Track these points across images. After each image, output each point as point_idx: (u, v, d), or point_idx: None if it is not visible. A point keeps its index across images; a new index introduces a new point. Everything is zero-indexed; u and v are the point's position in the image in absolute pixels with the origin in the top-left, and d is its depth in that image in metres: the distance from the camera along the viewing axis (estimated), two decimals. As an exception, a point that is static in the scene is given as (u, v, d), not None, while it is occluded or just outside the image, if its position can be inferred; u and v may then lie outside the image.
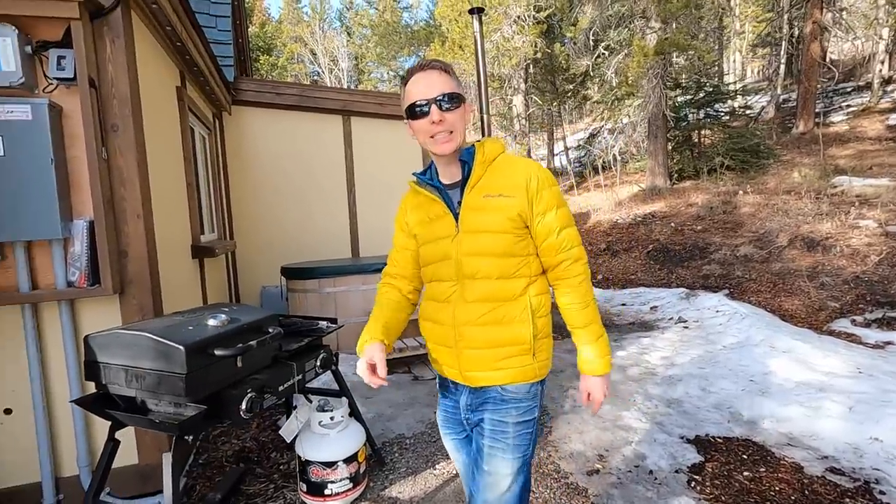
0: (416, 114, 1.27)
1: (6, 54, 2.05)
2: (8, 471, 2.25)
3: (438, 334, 1.38)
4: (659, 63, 11.35)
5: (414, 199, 1.45)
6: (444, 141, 1.27)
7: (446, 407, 1.50)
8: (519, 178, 1.29)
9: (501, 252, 1.28)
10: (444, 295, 1.35)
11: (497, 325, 1.29)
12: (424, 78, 1.27)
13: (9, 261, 2.19)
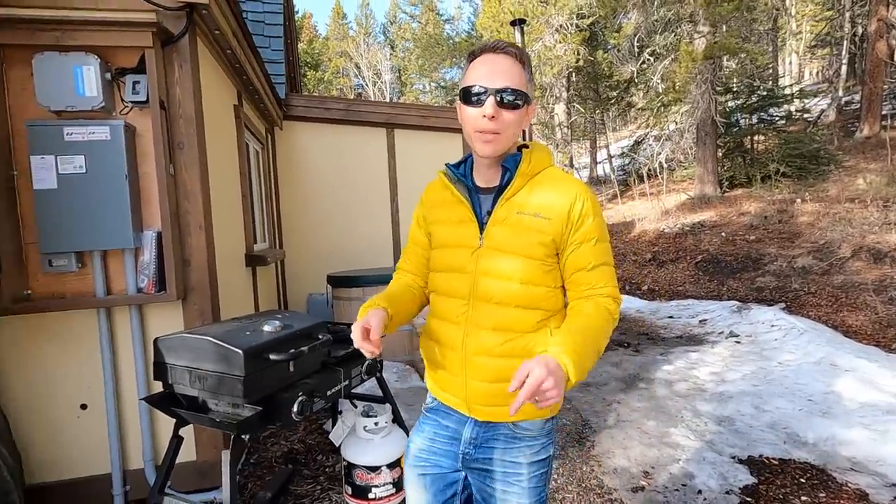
0: (470, 99, 1.09)
1: (90, 81, 2.26)
2: (83, 461, 2.45)
3: (444, 359, 1.21)
4: (708, 68, 11.00)
5: (439, 194, 1.27)
6: (487, 142, 1.10)
7: (436, 435, 1.26)
8: (563, 199, 1.12)
9: (525, 279, 1.12)
10: (453, 314, 1.18)
11: (514, 359, 1.10)
12: (493, 62, 1.09)
13: (87, 268, 2.40)
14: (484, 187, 1.20)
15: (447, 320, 1.20)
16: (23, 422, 2.38)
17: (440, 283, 1.23)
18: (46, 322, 2.39)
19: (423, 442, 1.28)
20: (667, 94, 12.58)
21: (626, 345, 5.38)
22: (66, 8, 2.22)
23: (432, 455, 1.26)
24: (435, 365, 1.25)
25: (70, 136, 2.25)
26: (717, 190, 12.40)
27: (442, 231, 1.24)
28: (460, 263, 1.17)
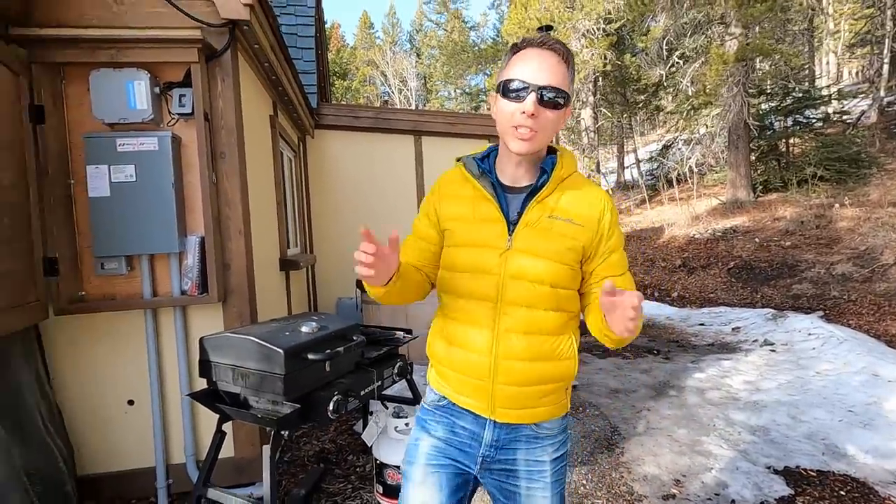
0: (509, 94, 1.06)
1: (140, 95, 2.41)
2: (130, 455, 2.58)
3: (467, 364, 1.15)
4: (740, 70, 10.76)
5: (458, 188, 1.21)
6: (524, 139, 1.06)
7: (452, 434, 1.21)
8: (594, 207, 1.13)
9: (553, 282, 1.11)
10: (479, 318, 1.13)
11: (543, 361, 1.12)
12: (539, 58, 1.05)
13: (135, 271, 2.53)
14: (510, 186, 1.16)
15: (472, 324, 1.14)
16: (76, 416, 2.52)
17: (461, 285, 1.16)
18: (97, 322, 2.54)
19: (437, 441, 1.21)
20: (697, 98, 12.35)
21: (655, 352, 5.30)
22: (121, 27, 2.37)
23: (448, 454, 1.20)
24: (456, 371, 1.18)
25: (122, 147, 2.39)
26: (751, 194, 12.08)
27: (462, 228, 1.17)
28: (486, 265, 1.12)
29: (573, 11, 12.82)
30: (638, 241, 12.32)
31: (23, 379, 2.15)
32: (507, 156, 1.15)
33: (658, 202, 15.33)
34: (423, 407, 1.29)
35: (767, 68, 12.29)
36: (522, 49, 1.08)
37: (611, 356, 5.16)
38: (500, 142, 1.14)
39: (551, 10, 12.66)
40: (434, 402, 1.25)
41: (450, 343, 1.20)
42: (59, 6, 2.36)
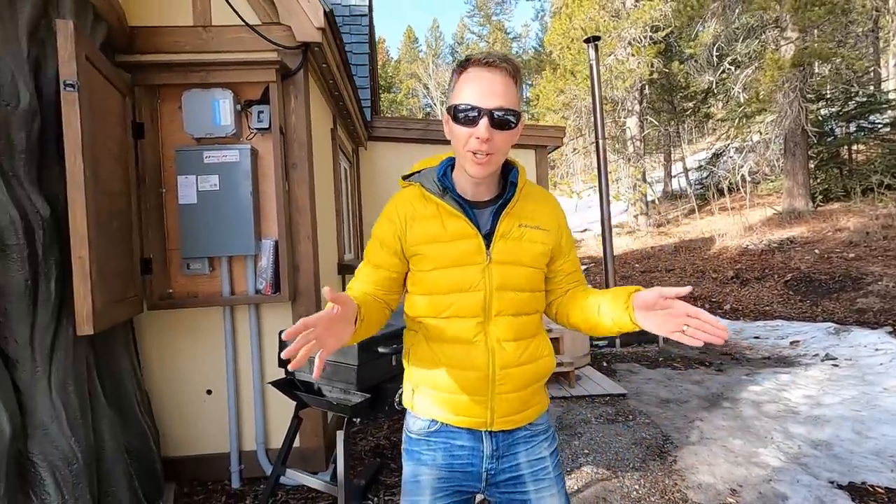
0: (459, 118, 1.04)
1: (224, 112, 2.67)
2: (207, 440, 2.81)
3: (463, 382, 1.13)
4: (797, 75, 10.36)
5: (420, 207, 1.16)
6: (480, 163, 1.05)
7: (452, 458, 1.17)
8: (553, 211, 1.21)
9: (531, 287, 1.16)
10: (469, 335, 1.12)
11: (532, 363, 1.17)
12: (487, 78, 1.03)
13: (216, 272, 2.78)
14: (472, 200, 1.15)
15: (461, 342, 1.12)
16: (161, 402, 2.78)
17: (446, 306, 1.12)
18: (182, 317, 2.80)
19: (438, 471, 1.17)
20: (749, 104, 11.94)
21: (707, 364, 5.18)
22: (209, 52, 2.65)
23: (453, 482, 1.17)
24: (446, 391, 1.15)
25: (208, 159, 2.65)
26: (809, 204, 11.54)
27: (436, 251, 1.13)
28: (470, 281, 1.11)
29: (619, 21, 12.74)
30: (687, 252, 11.98)
31: (123, 367, 2.41)
32: (466, 176, 1.12)
33: (708, 212, 14.85)
34: (408, 437, 1.22)
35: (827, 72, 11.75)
36: (470, 68, 1.06)
37: (660, 367, 5.09)
38: (457, 162, 1.13)
39: (596, 19, 12.62)
40: (423, 429, 1.19)
41: (437, 365, 1.15)
42: (156, 35, 2.66)
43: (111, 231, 2.22)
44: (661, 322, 0.98)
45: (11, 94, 1.79)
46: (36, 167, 1.92)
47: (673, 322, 0.96)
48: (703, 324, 0.93)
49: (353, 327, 0.99)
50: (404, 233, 1.15)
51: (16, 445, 1.73)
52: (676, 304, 0.96)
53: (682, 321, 0.95)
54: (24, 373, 1.82)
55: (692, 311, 0.94)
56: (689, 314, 0.94)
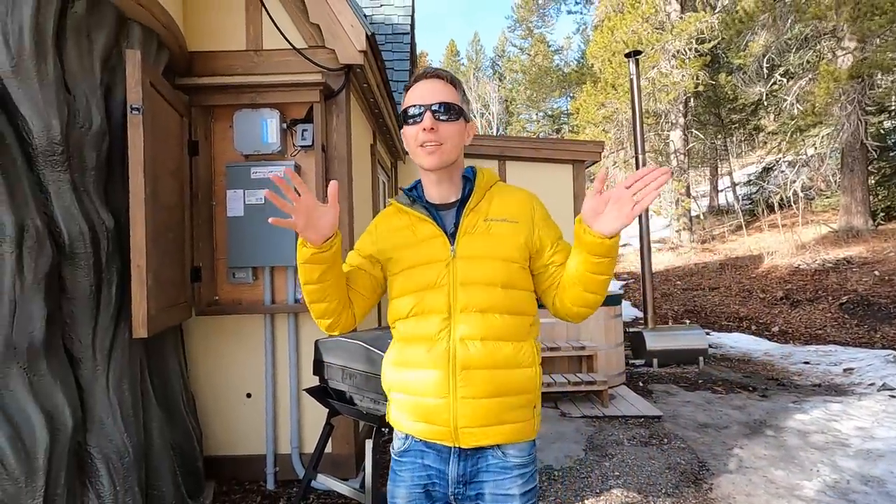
0: (408, 120, 1.13)
1: (272, 131, 2.83)
2: (245, 442, 2.94)
3: (426, 383, 1.11)
4: (855, 87, 9.86)
5: (395, 220, 1.23)
6: (431, 152, 1.11)
7: (418, 479, 1.16)
8: (522, 204, 1.20)
9: (505, 282, 1.12)
10: (433, 332, 1.11)
11: (504, 369, 1.10)
12: (425, 85, 1.13)
13: (259, 281, 2.93)
14: (440, 204, 1.20)
15: (426, 340, 1.12)
16: (206, 403, 2.94)
17: (411, 306, 1.14)
18: (226, 323, 2.96)
19: (407, 490, 1.17)
20: (803, 117, 11.43)
21: (750, 388, 4.96)
22: (261, 74, 2.83)
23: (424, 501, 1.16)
24: (414, 393, 1.14)
25: (255, 175, 2.81)
26: (869, 222, 10.88)
27: (405, 254, 1.17)
28: (434, 278, 1.13)
29: (662, 33, 12.52)
30: (733, 270, 11.52)
31: (172, 369, 2.58)
32: (427, 178, 1.20)
33: (757, 228, 14.23)
34: (392, 458, 1.22)
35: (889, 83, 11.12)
36: (413, 84, 1.17)
37: (699, 389, 4.91)
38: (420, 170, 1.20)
39: (639, 32, 12.46)
40: (399, 448, 1.20)
41: (402, 365, 1.16)
42: (212, 59, 2.86)
43: (166, 242, 2.39)
44: (615, 213, 0.98)
45: (85, 117, 1.98)
46: (103, 183, 2.11)
47: (624, 203, 0.97)
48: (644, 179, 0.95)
49: (320, 236, 1.06)
50: (378, 243, 1.21)
51: (76, 438, 1.89)
52: (613, 191, 0.99)
53: (629, 196, 0.97)
54: (86, 371, 1.98)
55: (629, 180, 0.97)
56: (628, 184, 0.96)
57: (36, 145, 1.84)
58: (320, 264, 1.08)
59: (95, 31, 2.07)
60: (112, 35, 2.14)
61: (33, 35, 1.80)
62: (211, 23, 2.90)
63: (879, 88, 11.15)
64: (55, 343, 1.87)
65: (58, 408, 1.81)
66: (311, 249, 1.07)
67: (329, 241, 1.08)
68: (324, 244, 1.07)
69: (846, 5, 9.48)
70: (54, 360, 1.85)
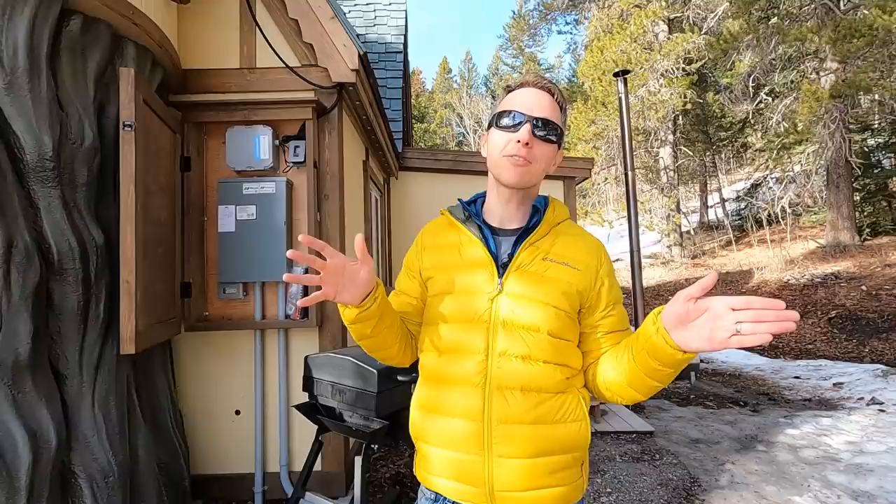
0: (503, 124, 1.01)
1: (264, 147, 2.85)
2: (233, 460, 2.90)
3: (457, 434, 0.98)
4: (837, 106, 10.11)
5: (443, 236, 1.12)
6: (518, 165, 0.98)
7: None
8: (591, 253, 1.05)
9: (552, 330, 0.98)
10: (467, 374, 0.98)
11: (549, 425, 0.96)
12: (535, 94, 1.02)
13: (249, 296, 2.92)
14: (499, 228, 1.08)
15: (458, 383, 0.99)
16: (194, 420, 2.90)
17: (445, 337, 1.02)
18: (215, 339, 2.93)
19: None
20: (789, 135, 11.68)
21: (741, 403, 4.98)
22: (254, 92, 2.86)
23: None
24: (437, 444, 1.01)
25: (247, 190, 2.83)
26: (855, 237, 11.06)
27: (447, 276, 1.06)
28: (474, 312, 1.00)
29: (651, 53, 12.80)
30: (724, 285, 11.61)
31: (160, 385, 2.55)
32: (497, 194, 1.07)
33: (746, 244, 14.40)
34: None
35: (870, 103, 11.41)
36: (520, 88, 1.05)
37: (691, 404, 4.92)
38: (489, 182, 1.09)
39: (628, 52, 12.73)
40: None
41: (430, 411, 1.03)
42: (207, 77, 2.89)
43: (156, 257, 2.39)
44: (708, 333, 0.77)
45: (77, 133, 2.00)
46: (94, 198, 2.11)
47: (721, 327, 0.75)
48: (759, 313, 0.72)
49: (358, 294, 0.93)
50: (423, 258, 1.12)
51: (60, 457, 1.86)
52: (713, 303, 0.77)
53: (730, 321, 0.74)
54: (72, 388, 1.96)
55: (738, 303, 0.74)
56: (735, 307, 0.74)
57: (27, 161, 1.85)
58: (368, 321, 0.98)
59: (90, 49, 2.09)
60: (106, 53, 2.17)
61: (27, 53, 1.82)
62: (205, 41, 2.94)
63: (862, 107, 11.43)
64: (41, 359, 1.85)
65: (42, 426, 1.78)
66: (353, 311, 0.96)
67: (370, 297, 0.95)
68: (364, 301, 0.95)
69: (827, 28, 9.78)
70: (40, 376, 1.83)
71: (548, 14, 20.76)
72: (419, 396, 1.09)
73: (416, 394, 1.11)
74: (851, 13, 10.35)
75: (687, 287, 0.79)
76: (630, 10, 13.63)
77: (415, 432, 1.09)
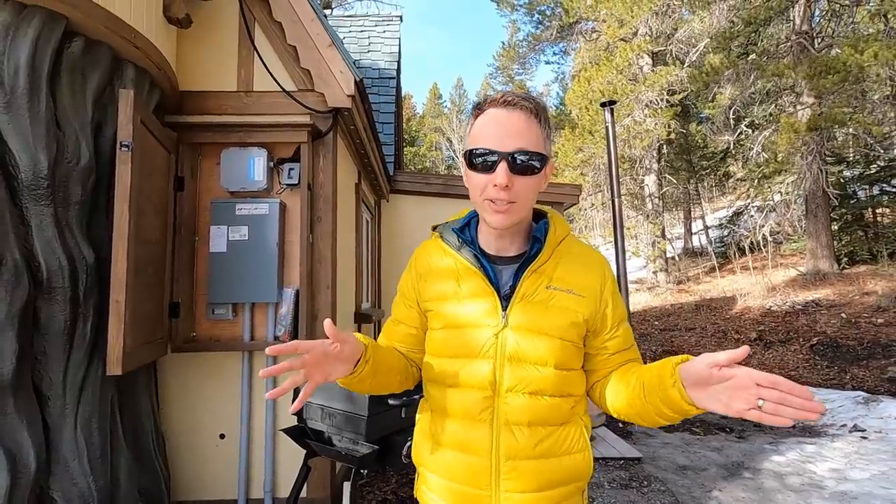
0: (475, 164, 0.93)
1: (258, 169, 2.88)
2: (216, 486, 2.82)
3: (462, 470, 0.97)
4: (814, 138, 10.49)
5: (437, 261, 1.07)
6: (501, 210, 0.93)
7: None
8: (593, 275, 1.02)
9: (559, 363, 0.96)
10: (474, 410, 0.96)
11: (555, 458, 0.95)
12: (505, 119, 0.92)
13: (238, 317, 2.90)
14: (496, 255, 1.03)
15: (465, 419, 0.97)
16: (178, 444, 2.83)
17: (450, 373, 0.99)
18: (201, 361, 2.89)
19: None
20: (768, 165, 12.06)
21: (727, 429, 5.00)
22: (250, 114, 2.90)
23: None
24: (445, 476, 1.00)
25: (240, 211, 2.84)
26: (834, 266, 11.33)
27: (447, 308, 1.02)
28: (479, 347, 0.96)
29: (636, 84, 13.22)
30: (708, 311, 11.76)
31: (143, 407, 2.50)
32: (487, 228, 1.02)
33: (729, 270, 14.65)
34: None
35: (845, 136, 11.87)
36: (485, 110, 0.95)
37: (678, 431, 4.93)
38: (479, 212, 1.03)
39: (614, 83, 13.13)
40: None
41: (438, 444, 1.01)
42: (204, 99, 2.93)
43: (146, 277, 2.37)
44: (726, 399, 0.76)
45: (74, 152, 2.01)
46: (86, 216, 2.11)
47: (741, 397, 0.75)
48: (784, 396, 0.71)
49: (348, 366, 0.92)
50: (420, 286, 1.07)
51: (39, 481, 1.81)
52: (739, 374, 0.75)
53: (753, 394, 0.74)
54: (54, 409, 1.92)
55: (765, 380, 0.73)
56: (761, 383, 0.73)
57: (21, 179, 1.85)
58: (364, 380, 0.97)
59: (90, 70, 2.12)
60: (106, 74, 2.20)
61: (28, 73, 1.84)
62: (203, 64, 2.98)
63: (838, 139, 11.88)
64: (24, 380, 1.82)
65: (22, 449, 1.74)
66: (345, 380, 0.95)
67: (360, 362, 0.94)
68: (356, 368, 0.93)
69: (803, 64, 10.22)
70: (22, 398, 1.79)
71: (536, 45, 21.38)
72: (424, 425, 1.07)
73: (420, 421, 1.10)
74: (825, 51, 10.85)
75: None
76: (616, 43, 14.11)
77: (418, 458, 1.07)
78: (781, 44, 11.75)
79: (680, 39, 13.85)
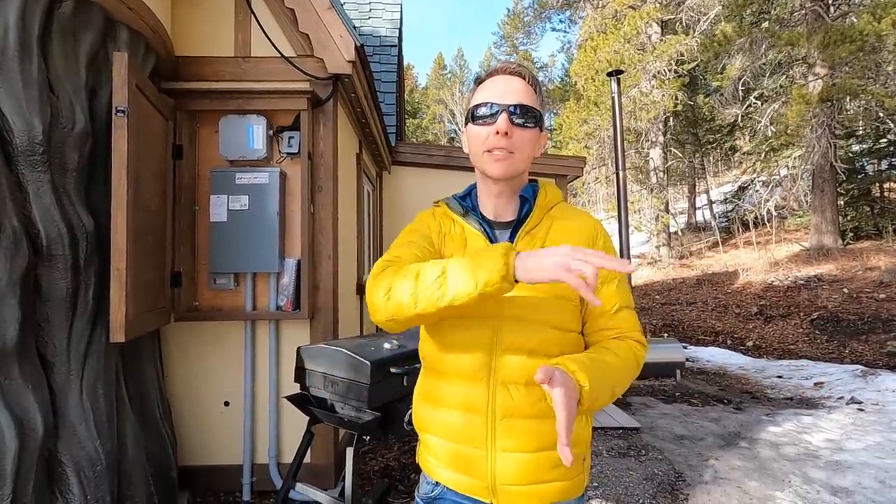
0: (479, 117, 0.99)
1: (258, 137, 2.83)
2: (221, 451, 2.88)
3: (458, 427, 0.98)
4: (825, 110, 10.28)
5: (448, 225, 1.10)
6: (499, 160, 0.98)
7: None
8: (585, 234, 1.04)
9: (558, 324, 0.98)
10: (472, 369, 0.97)
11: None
12: (504, 82, 1.00)
13: (240, 287, 2.90)
14: (494, 221, 1.07)
15: (463, 378, 0.98)
16: (182, 411, 2.88)
17: (449, 332, 1.01)
18: (204, 330, 2.91)
19: None
20: (776, 138, 11.86)
21: (725, 401, 5.06)
22: (248, 81, 2.83)
23: None
24: (441, 435, 1.02)
25: (239, 180, 2.80)
26: (838, 241, 11.27)
27: None
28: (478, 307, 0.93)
29: (644, 54, 12.89)
30: (710, 286, 11.77)
31: (148, 375, 2.52)
32: (486, 188, 1.07)
33: (732, 245, 14.60)
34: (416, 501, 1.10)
35: (856, 109, 11.62)
36: (489, 78, 1.04)
37: (676, 402, 4.99)
38: (478, 177, 1.08)
39: (621, 52, 12.80)
40: (427, 494, 1.06)
41: (435, 403, 1.03)
42: (200, 64, 2.86)
43: (147, 245, 2.36)
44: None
45: (69, 118, 1.96)
46: (84, 184, 2.08)
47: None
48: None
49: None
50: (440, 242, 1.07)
51: (47, 445, 1.83)
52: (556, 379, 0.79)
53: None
54: (59, 375, 1.93)
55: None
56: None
57: (16, 145, 1.82)
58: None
59: (82, 32, 2.06)
60: (98, 37, 2.13)
61: (18, 34, 1.78)
62: (199, 28, 2.90)
63: (848, 112, 11.64)
64: (28, 347, 1.82)
65: (29, 413, 1.76)
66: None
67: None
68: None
69: (817, 33, 9.92)
70: (27, 364, 1.80)
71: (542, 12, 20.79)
72: (422, 387, 1.09)
73: (418, 384, 1.11)
74: (840, 20, 10.52)
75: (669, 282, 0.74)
76: (624, 10, 13.70)
77: (418, 422, 1.09)
78: (795, 11, 11.39)
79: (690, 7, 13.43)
